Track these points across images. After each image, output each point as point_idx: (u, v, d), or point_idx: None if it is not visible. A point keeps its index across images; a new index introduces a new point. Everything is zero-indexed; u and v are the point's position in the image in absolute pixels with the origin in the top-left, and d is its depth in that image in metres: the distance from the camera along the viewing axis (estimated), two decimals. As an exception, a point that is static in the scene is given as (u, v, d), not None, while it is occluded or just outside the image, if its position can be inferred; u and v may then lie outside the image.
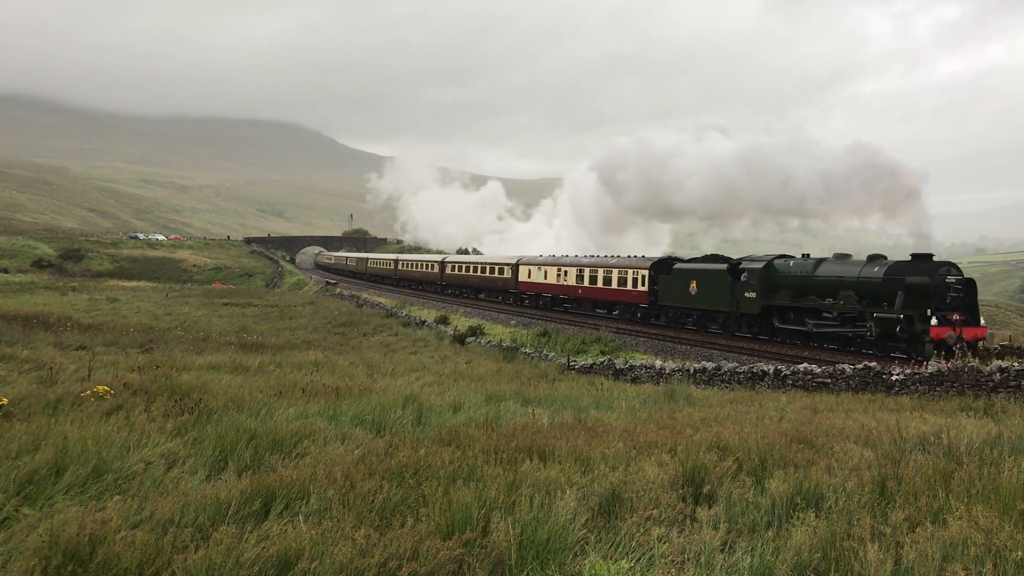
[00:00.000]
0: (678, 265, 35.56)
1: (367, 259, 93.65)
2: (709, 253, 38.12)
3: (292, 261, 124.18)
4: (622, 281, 38.75)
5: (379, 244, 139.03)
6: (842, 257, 27.96)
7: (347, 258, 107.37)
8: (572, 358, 26.73)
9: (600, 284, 40.97)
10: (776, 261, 30.01)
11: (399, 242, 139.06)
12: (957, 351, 21.45)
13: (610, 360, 24.80)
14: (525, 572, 4.33)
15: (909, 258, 25.04)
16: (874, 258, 26.36)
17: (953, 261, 25.42)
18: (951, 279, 23.54)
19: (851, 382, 18.16)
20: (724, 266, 32.21)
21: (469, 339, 33.39)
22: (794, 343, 28.24)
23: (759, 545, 4.63)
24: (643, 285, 36.67)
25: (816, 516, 4.98)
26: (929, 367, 17.28)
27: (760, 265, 29.79)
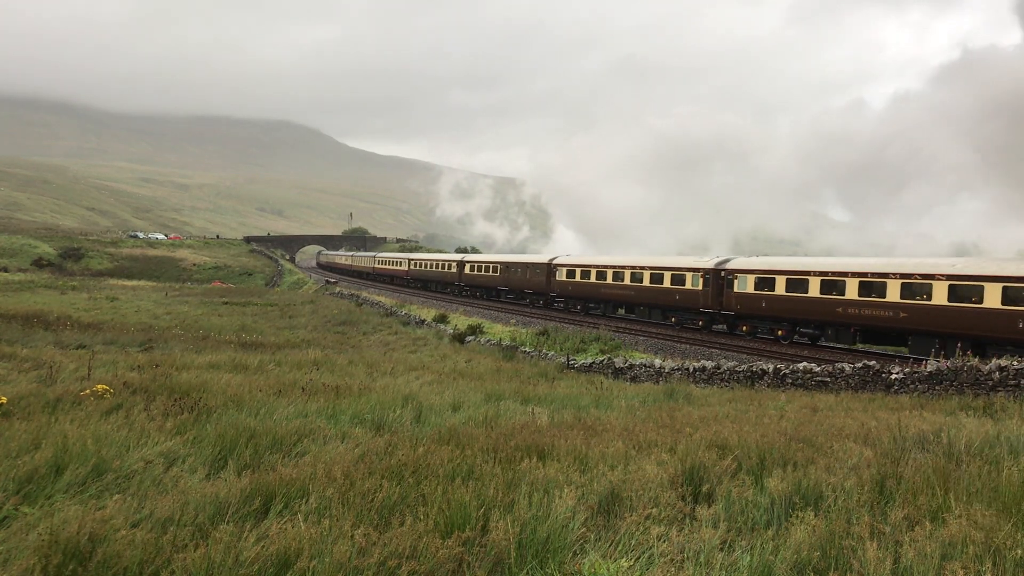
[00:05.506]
0: None
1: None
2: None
3: (292, 260, 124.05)
4: None
5: (379, 243, 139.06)
6: None
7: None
8: (572, 357, 26.72)
9: None
10: None
11: (399, 241, 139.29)
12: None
13: (610, 359, 24.80)
14: (524, 571, 4.32)
15: None
16: None
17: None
18: None
19: (850, 381, 18.16)
20: None
21: (468, 338, 33.37)
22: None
23: (758, 544, 4.63)
24: None
25: (815, 515, 4.98)
26: (928, 366, 17.28)
27: None
